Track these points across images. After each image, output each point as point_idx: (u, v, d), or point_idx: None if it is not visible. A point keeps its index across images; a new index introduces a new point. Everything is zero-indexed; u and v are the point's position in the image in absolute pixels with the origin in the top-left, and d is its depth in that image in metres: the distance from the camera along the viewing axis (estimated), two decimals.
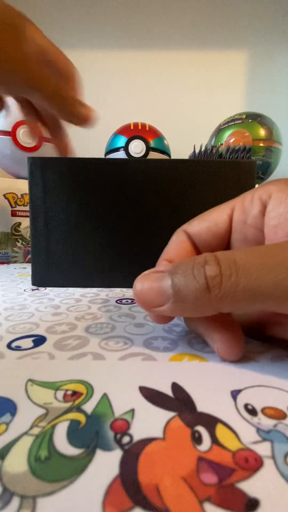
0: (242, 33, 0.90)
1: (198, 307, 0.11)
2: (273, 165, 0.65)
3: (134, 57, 0.91)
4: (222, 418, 0.09)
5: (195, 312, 0.12)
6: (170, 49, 0.91)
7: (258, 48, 0.91)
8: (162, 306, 0.12)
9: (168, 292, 0.12)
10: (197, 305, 0.11)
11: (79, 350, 0.14)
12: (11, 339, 0.16)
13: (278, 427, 0.09)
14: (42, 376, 0.12)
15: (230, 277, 0.10)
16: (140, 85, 0.93)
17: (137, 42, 0.91)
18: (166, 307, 0.12)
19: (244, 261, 0.11)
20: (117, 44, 0.91)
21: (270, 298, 0.10)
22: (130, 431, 0.09)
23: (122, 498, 0.07)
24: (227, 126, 0.66)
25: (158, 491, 0.07)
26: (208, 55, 0.91)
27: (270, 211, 0.14)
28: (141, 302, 0.13)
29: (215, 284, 0.11)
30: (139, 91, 0.93)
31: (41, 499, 0.07)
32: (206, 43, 0.90)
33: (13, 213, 0.49)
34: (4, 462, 0.08)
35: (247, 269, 0.10)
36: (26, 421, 0.09)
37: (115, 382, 0.11)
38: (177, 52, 0.91)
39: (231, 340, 0.13)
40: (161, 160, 0.29)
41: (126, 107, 0.92)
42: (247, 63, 0.92)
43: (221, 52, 0.91)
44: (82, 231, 0.29)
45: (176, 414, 0.10)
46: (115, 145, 0.65)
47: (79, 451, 0.08)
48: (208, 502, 0.07)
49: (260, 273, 0.10)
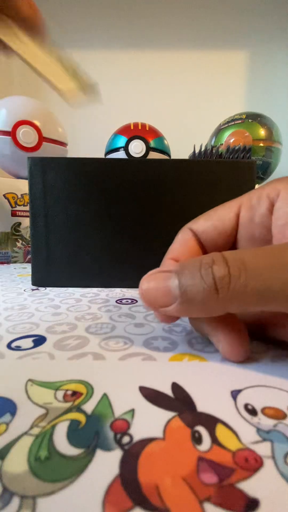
0: (242, 33, 0.90)
1: (205, 307, 0.11)
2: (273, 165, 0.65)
3: (134, 57, 0.92)
4: (222, 418, 0.09)
5: (202, 312, 0.12)
6: (170, 49, 0.91)
7: (258, 48, 0.91)
8: (168, 306, 0.12)
9: (175, 292, 0.12)
10: (204, 306, 0.11)
11: (79, 350, 0.14)
12: (11, 339, 0.16)
13: (278, 427, 0.09)
14: (42, 376, 0.12)
15: (239, 278, 0.10)
16: (140, 85, 0.93)
17: (137, 42, 0.91)
18: (173, 308, 0.12)
19: (252, 262, 0.10)
20: (118, 44, 0.91)
21: (279, 299, 0.10)
22: (130, 431, 0.09)
23: (122, 498, 0.07)
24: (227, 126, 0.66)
25: (158, 491, 0.07)
26: (208, 56, 0.91)
27: (277, 210, 0.13)
28: (147, 302, 0.13)
29: (223, 285, 0.10)
30: (139, 91, 0.93)
31: (41, 499, 0.07)
32: (206, 44, 0.90)
33: (13, 213, 0.49)
34: (4, 462, 0.08)
35: (256, 270, 0.10)
36: (26, 421, 0.09)
37: (115, 382, 0.11)
38: (177, 52, 0.91)
39: (237, 340, 0.13)
40: (161, 160, 0.29)
41: (126, 107, 0.92)
42: (247, 63, 0.92)
43: (221, 52, 0.91)
44: (82, 231, 0.29)
45: (176, 414, 0.10)
46: (115, 145, 0.65)
47: (79, 451, 0.08)
48: (208, 502, 0.07)
49: (269, 274, 0.10)
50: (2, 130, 0.51)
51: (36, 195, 0.29)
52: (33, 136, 0.53)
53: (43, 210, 0.29)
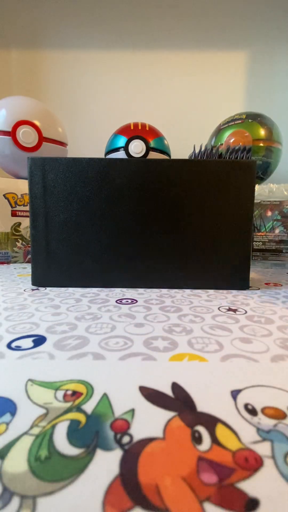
0: (242, 33, 0.90)
1: None
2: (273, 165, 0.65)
3: (134, 57, 0.92)
4: (222, 418, 0.09)
5: None
6: (171, 49, 0.91)
7: (258, 48, 0.91)
8: None
9: None
10: None
11: (79, 350, 0.14)
12: (11, 339, 0.16)
13: (278, 427, 0.09)
14: (42, 376, 0.12)
15: None
16: (140, 85, 0.93)
17: (137, 42, 0.91)
18: None
19: None
20: (118, 44, 0.91)
21: None
22: (130, 431, 0.09)
23: (122, 498, 0.07)
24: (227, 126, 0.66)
25: (158, 491, 0.07)
26: (208, 55, 0.91)
27: None
28: None
29: None
30: (139, 91, 0.93)
31: (41, 499, 0.07)
32: (206, 43, 0.91)
33: (13, 213, 0.49)
34: (4, 462, 0.08)
35: None
36: (26, 421, 0.09)
37: (115, 382, 0.11)
38: (178, 52, 0.91)
39: None
40: (161, 160, 0.29)
41: (126, 107, 0.92)
42: (247, 63, 0.92)
43: (221, 52, 0.91)
44: (82, 231, 0.29)
45: (176, 414, 0.10)
46: (115, 145, 0.65)
47: (79, 451, 0.08)
48: (208, 501, 0.07)
49: None
50: (2, 130, 0.51)
51: (36, 195, 0.29)
52: (33, 136, 0.53)
53: (43, 210, 0.29)
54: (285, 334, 0.17)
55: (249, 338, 0.16)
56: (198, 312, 0.20)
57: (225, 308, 0.21)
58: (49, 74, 0.93)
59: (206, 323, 0.18)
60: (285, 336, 0.16)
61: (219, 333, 0.17)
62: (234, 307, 0.22)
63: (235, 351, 0.14)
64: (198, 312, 0.20)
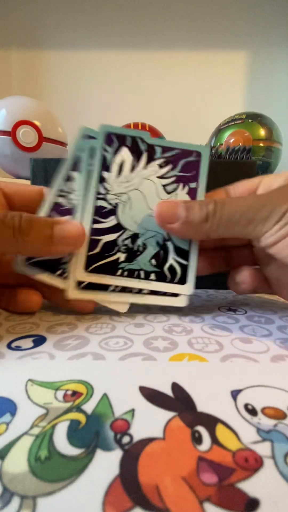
0: (242, 33, 0.90)
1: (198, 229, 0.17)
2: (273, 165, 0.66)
3: (134, 57, 0.92)
4: (222, 418, 0.09)
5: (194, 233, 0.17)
6: (171, 49, 0.91)
7: (258, 48, 0.91)
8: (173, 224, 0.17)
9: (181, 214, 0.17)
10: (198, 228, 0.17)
11: (79, 350, 0.14)
12: (11, 339, 0.16)
13: (278, 427, 0.09)
14: (42, 376, 0.12)
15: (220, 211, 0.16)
16: (140, 85, 0.93)
17: (137, 42, 0.91)
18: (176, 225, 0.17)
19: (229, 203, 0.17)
20: (118, 44, 0.91)
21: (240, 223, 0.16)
22: (130, 431, 0.09)
23: (122, 498, 0.07)
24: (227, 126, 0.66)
25: (158, 491, 0.07)
26: (208, 55, 0.91)
27: None
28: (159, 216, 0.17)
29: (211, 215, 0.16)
30: (139, 91, 0.93)
31: (41, 499, 0.07)
32: (206, 43, 0.91)
33: None
34: (4, 462, 0.08)
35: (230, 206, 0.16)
36: (26, 421, 0.09)
37: (115, 382, 0.11)
38: (178, 52, 0.91)
39: None
40: None
41: (126, 107, 0.92)
42: (247, 63, 0.92)
43: (221, 52, 0.91)
44: None
45: (176, 414, 0.10)
46: None
47: (79, 451, 0.08)
48: (208, 502, 0.07)
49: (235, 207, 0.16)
50: (2, 130, 0.51)
51: None
52: (33, 136, 0.53)
53: None
54: (285, 334, 0.17)
55: (249, 338, 0.16)
56: (198, 312, 0.20)
57: (225, 308, 0.21)
58: (49, 74, 0.93)
59: (206, 323, 0.18)
60: (285, 336, 0.16)
61: (219, 333, 0.17)
62: (234, 307, 0.22)
63: (235, 351, 0.14)
64: (198, 312, 0.20)
